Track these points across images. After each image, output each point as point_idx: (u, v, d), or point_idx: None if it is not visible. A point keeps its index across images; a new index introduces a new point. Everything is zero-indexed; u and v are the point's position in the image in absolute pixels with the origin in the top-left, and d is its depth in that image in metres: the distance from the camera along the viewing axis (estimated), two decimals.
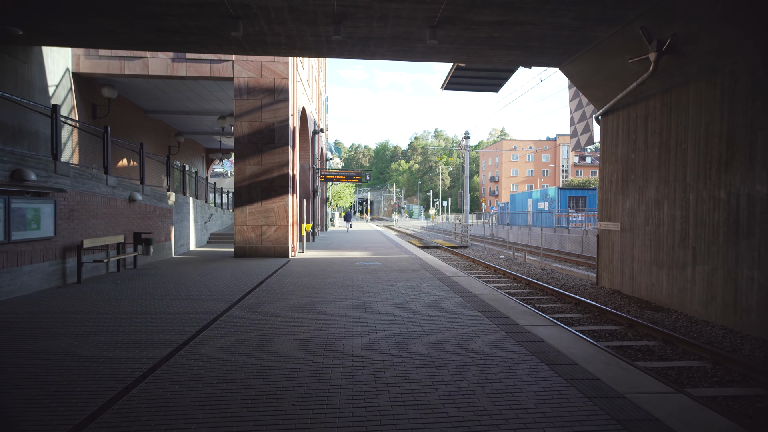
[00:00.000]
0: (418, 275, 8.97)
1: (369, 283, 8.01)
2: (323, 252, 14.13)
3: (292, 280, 8.31)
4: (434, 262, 11.44)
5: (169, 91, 14.56)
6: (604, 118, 10.07)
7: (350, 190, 50.94)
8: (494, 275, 12.63)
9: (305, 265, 10.63)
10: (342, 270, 9.77)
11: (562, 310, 8.23)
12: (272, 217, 12.51)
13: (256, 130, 12.43)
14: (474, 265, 14.74)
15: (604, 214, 10.02)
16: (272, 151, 12.46)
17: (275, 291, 7.11)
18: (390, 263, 11.09)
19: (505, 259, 16.65)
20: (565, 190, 26.26)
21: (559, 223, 24.30)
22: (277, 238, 12.51)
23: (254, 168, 12.44)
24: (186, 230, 13.71)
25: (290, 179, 12.77)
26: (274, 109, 12.46)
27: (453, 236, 27.66)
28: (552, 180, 78.37)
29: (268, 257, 12.33)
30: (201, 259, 11.69)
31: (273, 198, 12.50)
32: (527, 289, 10.43)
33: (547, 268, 13.73)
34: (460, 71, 12.05)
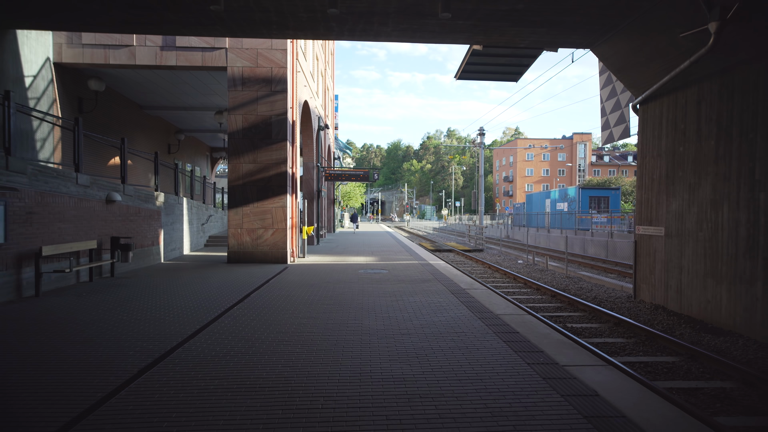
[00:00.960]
0: (428, 287, 7.79)
1: (371, 297, 6.85)
2: (326, 257, 13.03)
3: (283, 293, 7.20)
4: (447, 269, 10.24)
5: (163, 84, 13.63)
6: (643, 106, 8.74)
7: (360, 190, 49.95)
8: (514, 284, 11.35)
9: (303, 274, 9.53)
10: (342, 279, 8.64)
11: (600, 332, 6.94)
12: (269, 220, 11.45)
13: (252, 124, 11.39)
14: (491, 272, 13.48)
15: (644, 216, 8.69)
16: (269, 147, 11.41)
17: (258, 308, 6.01)
18: (397, 271, 9.92)
19: (524, 265, 15.33)
20: (586, 190, 24.74)
21: (580, 224, 22.82)
22: (274, 242, 11.45)
23: (249, 166, 11.41)
24: (178, 233, 12.74)
25: (289, 178, 11.70)
26: (271, 101, 11.40)
27: (467, 238, 26.35)
28: (568, 180, 76.21)
29: (264, 263, 11.28)
30: (191, 266, 10.68)
31: (270, 198, 11.45)
32: (554, 302, 9.15)
33: (573, 276, 12.39)
34: (476, 57, 10.82)
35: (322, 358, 4.00)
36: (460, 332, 4.89)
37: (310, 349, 4.28)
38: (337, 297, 6.86)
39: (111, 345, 4.36)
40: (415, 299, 6.72)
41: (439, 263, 11.51)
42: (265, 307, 6.08)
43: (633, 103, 8.93)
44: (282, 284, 8.08)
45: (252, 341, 4.49)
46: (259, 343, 4.45)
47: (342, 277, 9.04)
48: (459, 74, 11.84)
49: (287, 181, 11.54)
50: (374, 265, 10.96)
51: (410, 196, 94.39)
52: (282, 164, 11.44)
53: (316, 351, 4.21)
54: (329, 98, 24.75)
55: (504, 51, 10.54)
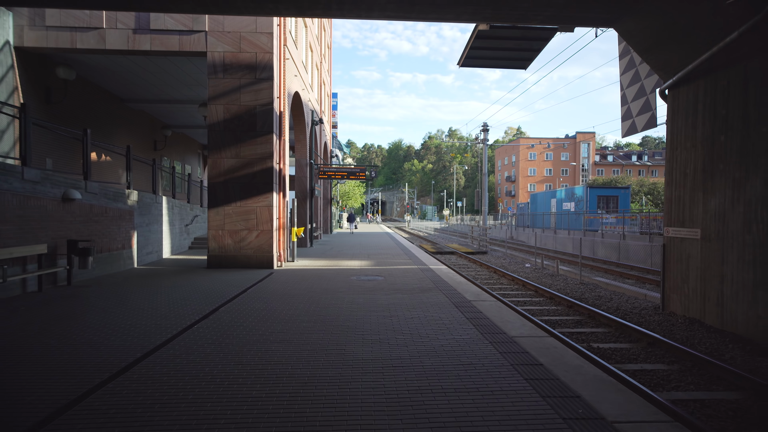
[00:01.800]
0: (428, 298, 6.73)
1: (361, 312, 5.80)
2: (317, 261, 11.97)
3: (258, 306, 6.15)
4: (449, 275, 9.18)
5: (142, 73, 12.60)
6: (674, 91, 7.66)
7: (360, 190, 48.90)
8: (524, 292, 10.27)
9: (287, 281, 8.47)
10: (331, 288, 7.58)
11: (634, 354, 5.84)
12: (253, 220, 10.40)
13: (234, 115, 10.34)
14: (497, 278, 12.39)
15: (675, 216, 7.61)
16: (253, 141, 10.36)
17: (222, 329, 4.95)
18: (394, 278, 8.87)
19: (533, 269, 14.24)
20: (595, 189, 23.63)
21: (589, 225, 21.73)
22: (258, 245, 10.40)
23: (231, 161, 10.36)
24: (156, 235, 11.70)
25: (275, 174, 10.65)
26: (256, 90, 10.35)
27: (469, 240, 25.27)
28: (571, 179, 75.08)
29: (247, 268, 10.23)
30: (166, 272, 9.64)
31: (254, 197, 10.40)
32: (572, 314, 8.07)
33: (587, 282, 11.31)
34: (482, 40, 9.76)
35: (285, 409, 2.94)
36: (469, 365, 3.83)
37: (270, 394, 3.21)
38: (322, 312, 5.80)
39: (6, 391, 3.30)
40: (413, 315, 5.66)
41: (441, 268, 10.44)
42: (231, 327, 5.02)
43: (661, 88, 7.85)
44: (261, 294, 7.02)
45: (196, 383, 3.43)
46: (204, 384, 3.38)
47: (331, 285, 7.98)
48: (462, 60, 10.77)
49: (273, 177, 10.49)
50: (369, 271, 9.90)
51: (411, 196, 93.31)
52: (268, 159, 10.40)
53: (276, 399, 3.15)
54: (326, 93, 23.71)
55: (513, 32, 9.49)
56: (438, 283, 8.34)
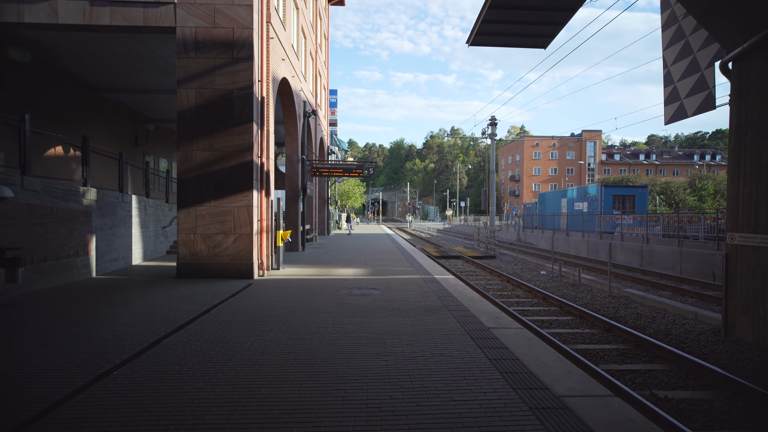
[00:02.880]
0: (435, 323, 5.27)
1: (348, 347, 4.34)
2: (306, 269, 10.53)
3: (216, 336, 4.70)
4: (458, 288, 7.72)
5: (109, 56, 11.19)
6: (741, 63, 6.18)
7: (360, 189, 47.50)
8: (547, 308, 8.77)
9: (264, 297, 7.03)
10: (315, 308, 6.14)
11: (721, 414, 4.28)
12: (230, 223, 8.96)
13: (208, 100, 8.91)
14: (512, 288, 10.88)
15: (743, 219, 6.12)
16: (230, 131, 8.92)
17: (153, 376, 3.51)
18: (393, 291, 7.41)
19: (550, 277, 12.75)
20: (610, 188, 22.09)
21: (604, 227, 20.21)
22: (236, 251, 8.95)
23: (205, 154, 8.93)
24: (124, 239, 10.27)
25: (256, 169, 9.21)
26: (233, 72, 8.92)
27: (475, 242, 23.79)
28: (577, 179, 73.48)
29: (223, 278, 8.79)
30: (127, 284, 8.21)
31: (231, 196, 8.96)
32: (615, 342, 6.54)
33: (618, 295, 9.80)
34: (497, 11, 8.31)
35: None
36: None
37: None
38: (296, 346, 4.35)
39: None
40: (416, 352, 4.20)
41: (447, 278, 8.98)
42: (167, 372, 3.57)
43: (723, 61, 6.36)
44: (224, 317, 5.57)
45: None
46: None
47: (316, 302, 6.54)
48: (472, 37, 9.30)
49: (254, 173, 9.04)
50: (364, 282, 8.44)
51: (413, 196, 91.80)
52: (246, 152, 8.95)
53: None
54: (321, 85, 22.26)
55: (533, 1, 8.03)
56: (445, 298, 6.88)
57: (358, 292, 7.52)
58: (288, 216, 14.49)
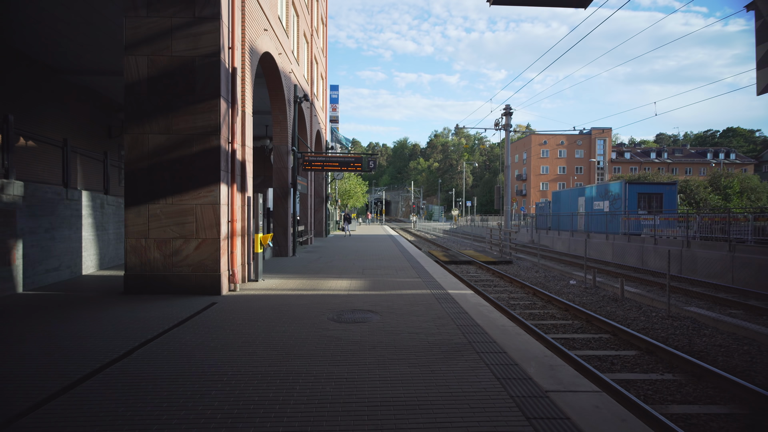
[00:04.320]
0: (458, 378, 3.42)
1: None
2: (292, 279, 8.69)
3: (103, 411, 2.86)
4: (480, 310, 5.86)
5: (53, 22, 9.40)
6: None
7: (363, 188, 45.65)
8: (596, 335, 6.83)
9: (222, 325, 5.20)
10: (286, 346, 4.30)
11: None
12: (191, 225, 7.13)
13: (163, 70, 7.09)
14: (542, 304, 8.92)
15: None
16: (191, 109, 7.10)
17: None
18: (395, 315, 5.56)
19: (582, 288, 10.82)
20: (635, 186, 20.10)
21: (629, 228, 18.24)
22: (199, 260, 7.12)
23: (159, 138, 7.11)
24: (69, 244, 8.46)
25: (225, 158, 7.37)
26: (195, 35, 7.09)
27: (487, 245, 21.87)
28: (586, 178, 71.32)
29: (182, 294, 6.97)
30: (56, 302, 6.40)
31: (193, 190, 7.13)
32: (719, 398, 4.62)
33: (681, 316, 7.84)
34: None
35: None
36: None
37: None
38: None
39: None
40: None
41: (465, 294, 7.10)
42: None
43: None
44: (147, 369, 3.74)
45: None
46: None
47: (289, 336, 4.70)
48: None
49: (221, 162, 7.21)
50: (360, 299, 6.59)
51: (417, 195, 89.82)
52: (211, 136, 7.12)
53: None
54: (318, 74, 20.41)
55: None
56: (468, 328, 5.02)
57: (350, 316, 5.67)
58: (276, 216, 12.66)
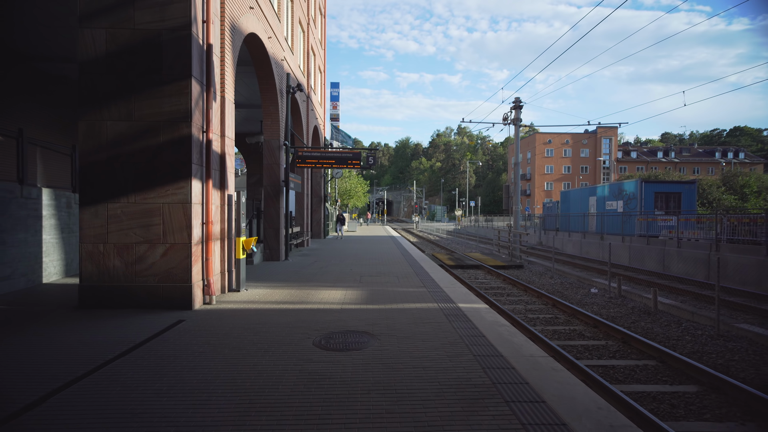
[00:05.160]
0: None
1: None
2: (279, 289, 7.64)
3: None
4: (500, 332, 4.80)
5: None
6: None
7: (364, 188, 44.59)
8: (640, 361, 5.72)
9: (182, 354, 4.16)
10: (252, 390, 3.25)
11: None
12: (157, 227, 6.08)
13: (124, 46, 6.05)
14: (566, 319, 7.76)
15: None
16: (158, 91, 6.05)
17: None
18: (396, 339, 4.52)
19: (607, 298, 9.71)
20: (651, 184, 18.96)
21: (646, 229, 17.12)
22: (167, 269, 6.07)
23: (120, 126, 6.06)
24: (24, 249, 7.43)
25: (198, 149, 6.32)
26: (162, 5, 6.05)
27: (494, 247, 20.79)
28: (592, 178, 70.09)
29: (147, 309, 5.93)
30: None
31: (160, 187, 6.09)
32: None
33: (731, 335, 6.75)
34: None
35: None
36: None
37: None
38: None
39: None
40: None
41: (478, 309, 6.03)
42: None
43: None
44: (53, 424, 2.67)
45: None
46: None
47: (260, 373, 3.65)
48: None
49: (193, 154, 6.15)
50: (354, 316, 5.52)
51: (419, 195, 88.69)
52: (182, 123, 6.07)
53: None
54: (316, 66, 19.36)
55: None
56: (488, 359, 3.96)
57: (341, 340, 4.61)
58: (267, 216, 11.61)
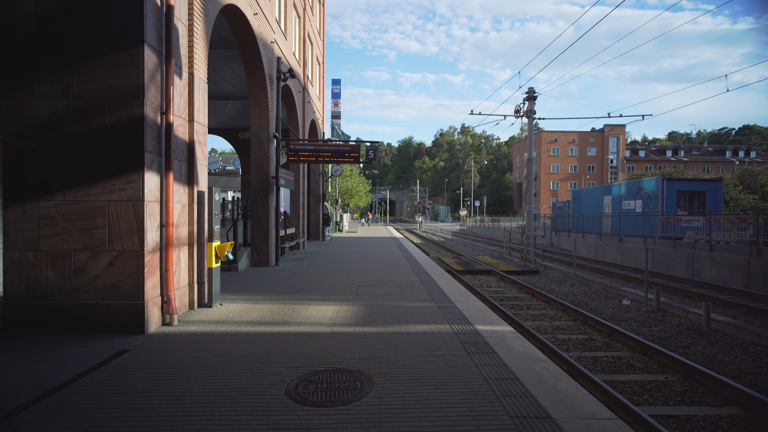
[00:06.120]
0: None
1: None
2: (260, 304, 6.41)
3: None
4: (532, 366, 3.55)
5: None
6: None
7: (366, 187, 43.33)
8: (717, 408, 4.44)
9: (100, 410, 2.92)
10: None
11: None
12: (101, 231, 4.87)
13: (59, 4, 4.84)
14: (604, 341, 6.38)
15: None
16: (102, 61, 4.85)
17: None
18: (399, 385, 3.29)
19: (644, 312, 8.42)
20: (673, 183, 17.61)
21: (671, 230, 15.80)
22: (113, 282, 4.86)
23: (55, 104, 4.85)
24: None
25: (154, 133, 5.10)
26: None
27: (505, 250, 19.51)
28: (599, 177, 68.61)
29: (85, 333, 4.74)
30: None
31: (104, 181, 4.88)
32: None
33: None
34: None
35: None
36: None
37: None
38: None
39: None
40: None
41: (502, 333, 4.80)
42: None
43: None
44: None
45: None
46: None
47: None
48: None
49: (146, 139, 4.93)
50: (344, 345, 4.29)
51: (422, 195, 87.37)
52: (132, 101, 4.86)
53: None
54: (313, 56, 18.12)
55: None
56: (530, 422, 2.73)
57: (325, 386, 3.38)
58: (254, 216, 10.39)
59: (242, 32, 9.02)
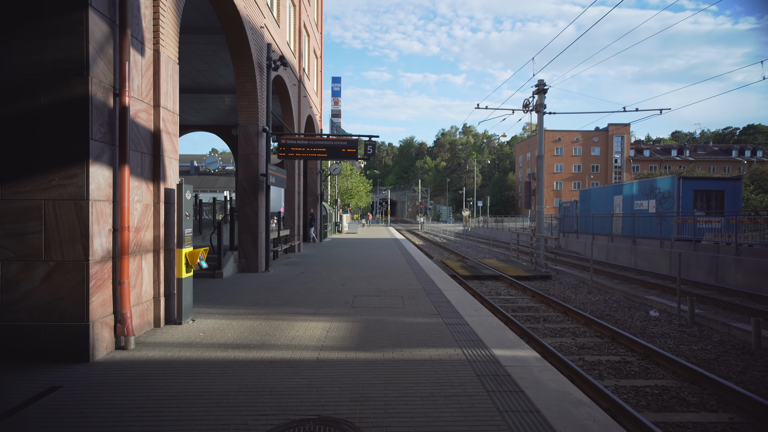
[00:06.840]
0: None
1: None
2: (237, 320, 5.52)
3: None
4: (572, 413, 2.62)
5: None
6: None
7: (366, 187, 42.46)
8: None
9: None
10: None
11: None
12: (35, 236, 3.98)
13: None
14: (642, 366, 5.37)
15: None
16: (36, 29, 3.96)
17: None
18: None
19: (674, 324, 7.52)
20: (690, 181, 16.69)
21: (686, 232, 14.87)
22: (52, 299, 3.97)
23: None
24: None
25: (103, 117, 4.20)
26: None
27: (513, 252, 18.61)
28: (603, 177, 67.60)
29: (17, 361, 3.82)
30: None
31: (40, 175, 3.99)
32: None
33: None
34: None
35: None
36: None
37: None
38: None
39: None
40: None
41: (525, 360, 3.91)
42: None
43: None
44: None
45: None
46: None
47: None
48: None
49: (92, 124, 4.04)
50: (329, 381, 3.40)
51: (424, 195, 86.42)
52: (74, 78, 3.97)
53: None
54: (310, 48, 17.23)
55: None
56: None
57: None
58: (242, 218, 9.50)
59: (226, 13, 8.13)
